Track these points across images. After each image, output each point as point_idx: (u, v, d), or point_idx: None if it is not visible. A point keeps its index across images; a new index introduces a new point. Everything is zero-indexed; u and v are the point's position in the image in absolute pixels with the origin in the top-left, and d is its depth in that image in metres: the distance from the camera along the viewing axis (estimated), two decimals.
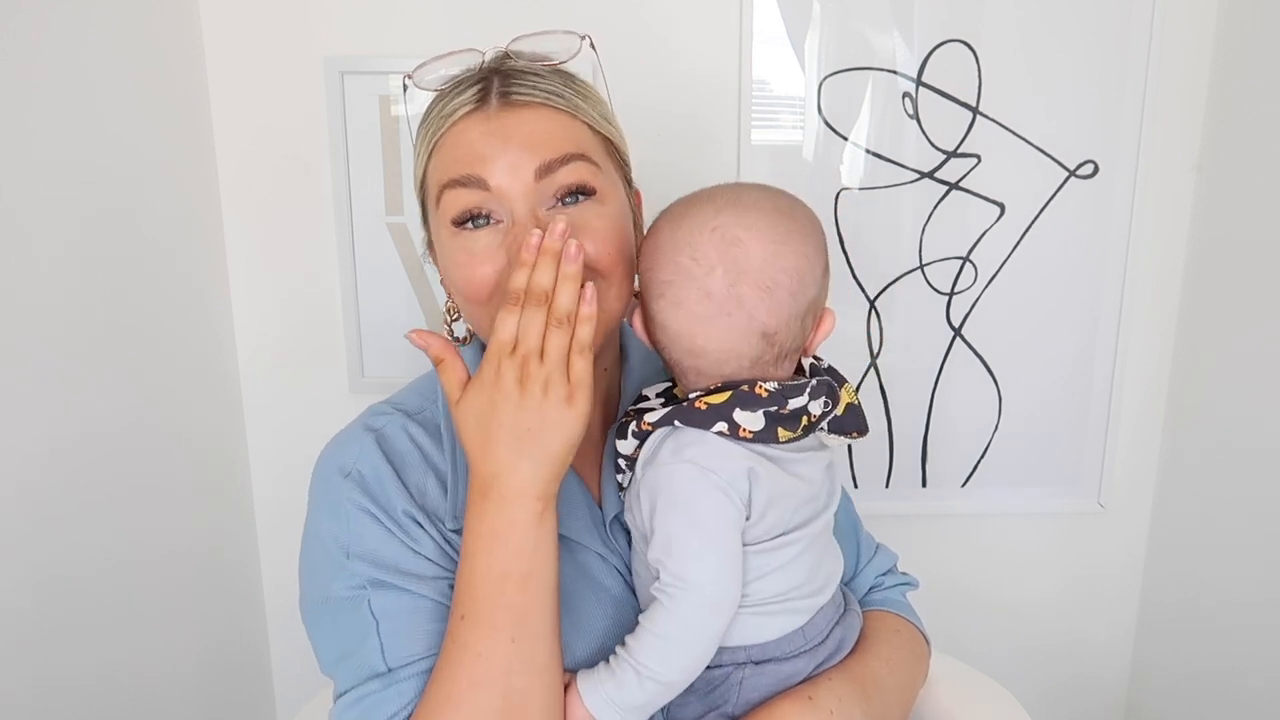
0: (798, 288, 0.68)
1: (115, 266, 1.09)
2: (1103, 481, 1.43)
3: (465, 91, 0.71)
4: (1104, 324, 1.37)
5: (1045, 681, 1.54)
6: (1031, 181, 1.32)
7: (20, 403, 0.94)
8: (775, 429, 0.67)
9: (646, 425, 0.69)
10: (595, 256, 0.70)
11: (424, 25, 1.24)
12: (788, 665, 0.72)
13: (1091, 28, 1.27)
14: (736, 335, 0.68)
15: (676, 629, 0.66)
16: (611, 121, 0.77)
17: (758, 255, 0.67)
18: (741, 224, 0.67)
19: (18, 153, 0.94)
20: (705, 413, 0.67)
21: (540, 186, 0.69)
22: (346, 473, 0.72)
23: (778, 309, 0.67)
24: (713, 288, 0.67)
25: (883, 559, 0.92)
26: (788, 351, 0.70)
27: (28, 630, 0.95)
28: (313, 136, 1.27)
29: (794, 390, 0.68)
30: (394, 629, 0.68)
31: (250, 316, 1.35)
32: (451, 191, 0.70)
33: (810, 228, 0.70)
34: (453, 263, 0.72)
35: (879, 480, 1.42)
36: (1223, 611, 1.33)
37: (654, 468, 0.68)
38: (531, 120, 0.70)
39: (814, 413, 0.69)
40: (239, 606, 1.38)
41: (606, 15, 1.25)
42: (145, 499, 1.15)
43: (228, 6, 1.24)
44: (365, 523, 0.70)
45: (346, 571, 0.69)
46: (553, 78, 0.73)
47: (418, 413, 0.77)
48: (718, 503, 0.66)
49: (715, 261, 0.67)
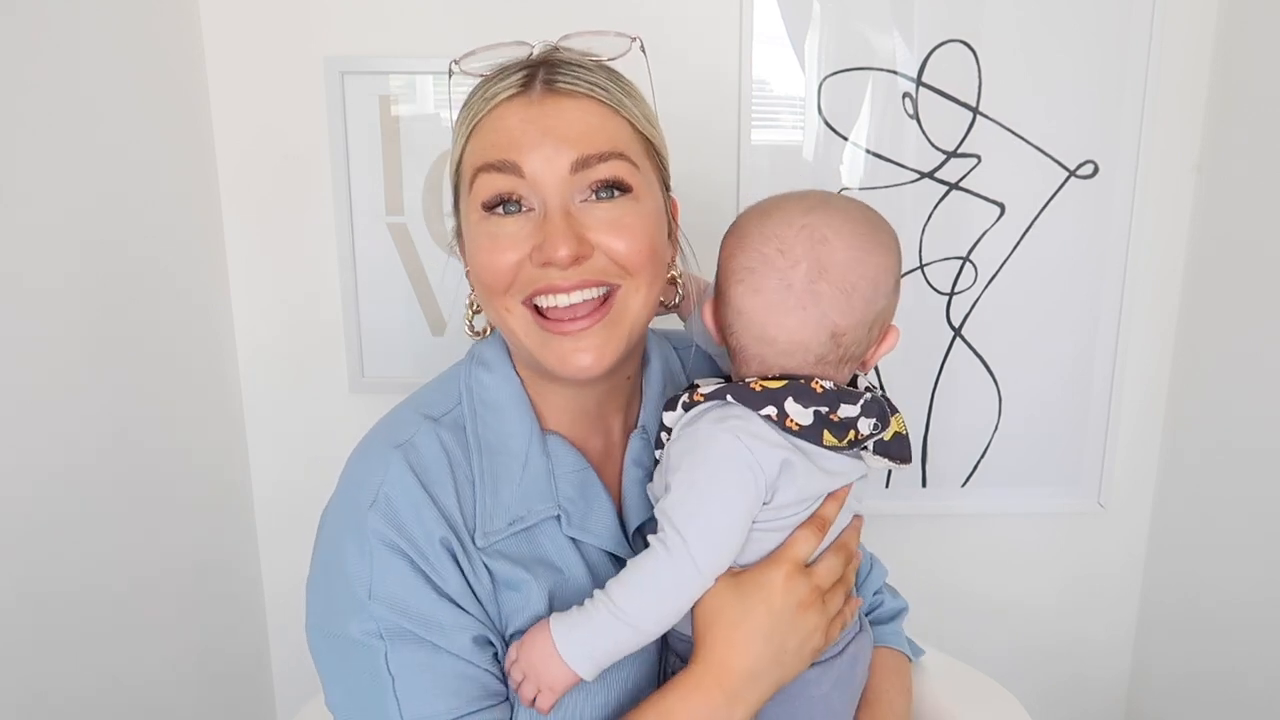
0: (872, 295, 0.70)
1: (115, 266, 1.09)
2: (1103, 481, 1.43)
3: (510, 76, 0.70)
4: (1104, 324, 1.37)
5: (1045, 681, 1.54)
6: (1031, 181, 1.32)
7: (20, 406, 0.94)
8: (821, 431, 0.68)
9: (699, 396, 0.70)
10: (626, 255, 0.69)
11: (424, 25, 1.24)
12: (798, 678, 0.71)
13: (1091, 28, 1.27)
14: (809, 330, 0.69)
15: (662, 579, 0.67)
16: (654, 124, 0.75)
17: (841, 257, 0.69)
18: (830, 225, 0.69)
19: (18, 153, 0.94)
20: (759, 394, 0.68)
21: (575, 179, 0.68)
22: (373, 501, 0.68)
23: (851, 311, 0.69)
24: (794, 280, 0.69)
25: (878, 574, 0.94)
26: (850, 356, 0.72)
27: (28, 636, 0.95)
28: (313, 136, 1.27)
29: (848, 396, 0.69)
30: (411, 686, 0.66)
31: (250, 316, 1.35)
32: (486, 175, 0.69)
33: (892, 244, 0.72)
34: (477, 247, 0.70)
35: (879, 480, 1.42)
36: (1223, 611, 1.33)
37: (693, 428, 0.69)
38: (573, 110, 0.69)
39: (862, 431, 0.69)
40: (239, 608, 1.38)
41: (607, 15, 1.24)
42: (145, 500, 1.15)
43: (228, 6, 1.24)
44: (391, 561, 0.67)
45: (365, 613, 0.67)
46: (599, 71, 0.72)
47: (444, 415, 0.74)
48: (742, 477, 0.67)
49: (800, 256, 0.69)
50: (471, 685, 0.68)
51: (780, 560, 0.68)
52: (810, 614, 0.68)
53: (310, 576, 0.73)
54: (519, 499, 0.72)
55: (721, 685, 0.66)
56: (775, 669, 0.67)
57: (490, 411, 0.74)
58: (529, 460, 0.73)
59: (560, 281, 0.67)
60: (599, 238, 0.68)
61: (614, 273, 0.69)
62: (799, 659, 0.68)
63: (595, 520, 0.74)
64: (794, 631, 0.67)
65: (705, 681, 0.67)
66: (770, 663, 0.67)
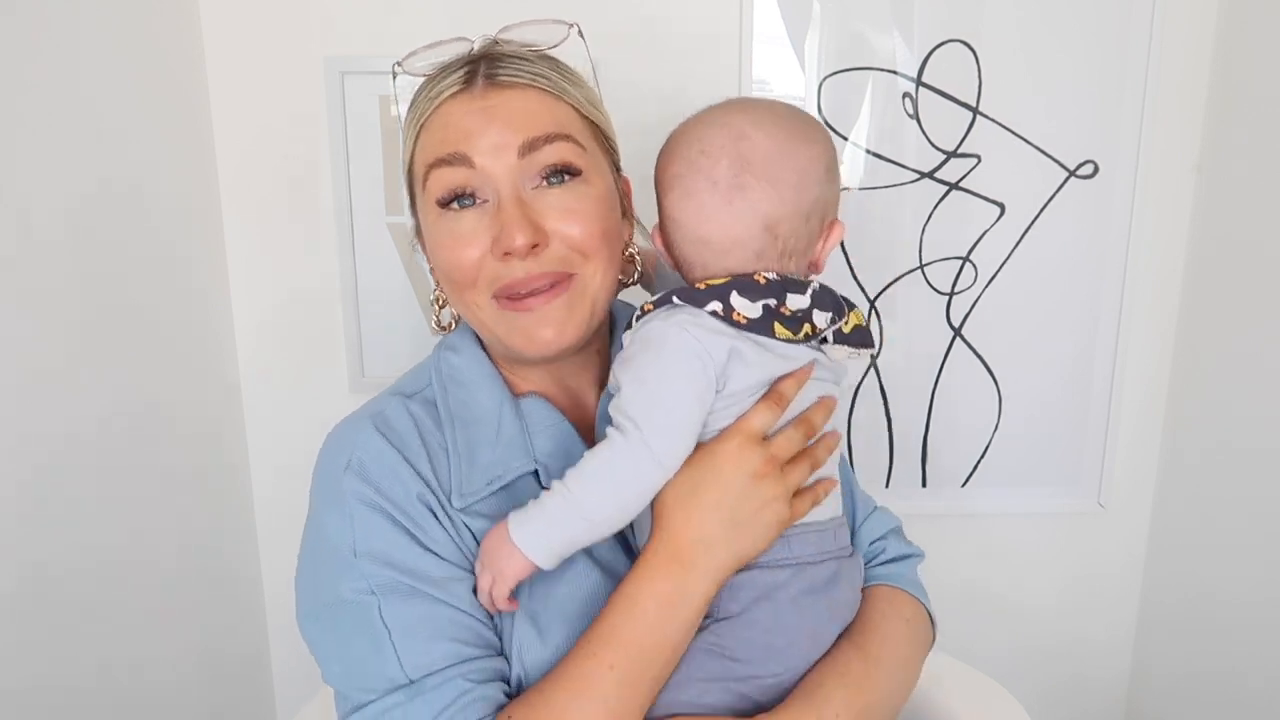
0: (800, 183, 0.71)
1: (115, 266, 1.09)
2: (1103, 481, 1.43)
3: (452, 74, 0.72)
4: (1104, 324, 1.37)
5: (1045, 682, 1.54)
6: (1031, 181, 1.32)
7: (19, 406, 0.94)
8: (771, 323, 0.68)
9: (648, 306, 0.71)
10: (580, 238, 0.70)
11: (424, 25, 1.23)
12: (768, 575, 0.71)
13: (1091, 28, 1.27)
14: (741, 224, 0.70)
15: (616, 468, 0.67)
16: (599, 108, 0.77)
17: (762, 148, 0.70)
18: (750, 121, 0.71)
19: (17, 153, 0.94)
20: (704, 292, 0.69)
21: (524, 164, 0.70)
22: (346, 464, 0.70)
23: (781, 201, 0.70)
24: (719, 177, 0.70)
25: (881, 519, 0.90)
26: (792, 250, 0.72)
27: (25, 631, 0.95)
28: (313, 136, 1.27)
29: (794, 285, 0.70)
30: (408, 637, 0.66)
31: (250, 316, 1.35)
32: (437, 171, 0.70)
33: (816, 134, 0.73)
34: (439, 245, 0.72)
35: (879, 480, 1.42)
36: (1223, 611, 1.33)
37: (644, 329, 0.70)
38: (516, 99, 0.71)
39: (819, 324, 0.70)
40: (239, 607, 1.38)
41: (607, 15, 1.25)
42: (145, 499, 1.15)
43: (228, 6, 1.24)
44: (371, 518, 0.68)
45: (355, 572, 0.67)
46: (540, 62, 0.73)
47: (415, 393, 0.77)
48: (690, 366, 0.67)
49: (721, 154, 0.70)
50: (468, 633, 0.68)
51: (732, 432, 0.69)
52: (766, 483, 0.68)
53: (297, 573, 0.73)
54: (497, 460, 0.73)
55: (678, 558, 0.67)
56: (731, 537, 0.67)
57: (460, 387, 0.76)
58: (502, 425, 0.75)
59: (523, 277, 0.69)
60: (553, 224, 0.70)
61: (573, 260, 0.71)
62: (757, 528, 0.68)
63: None
64: (747, 500, 0.67)
65: (661, 557, 0.67)
66: (723, 530, 0.67)
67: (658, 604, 0.66)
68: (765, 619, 0.71)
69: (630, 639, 0.65)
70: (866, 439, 1.40)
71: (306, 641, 0.71)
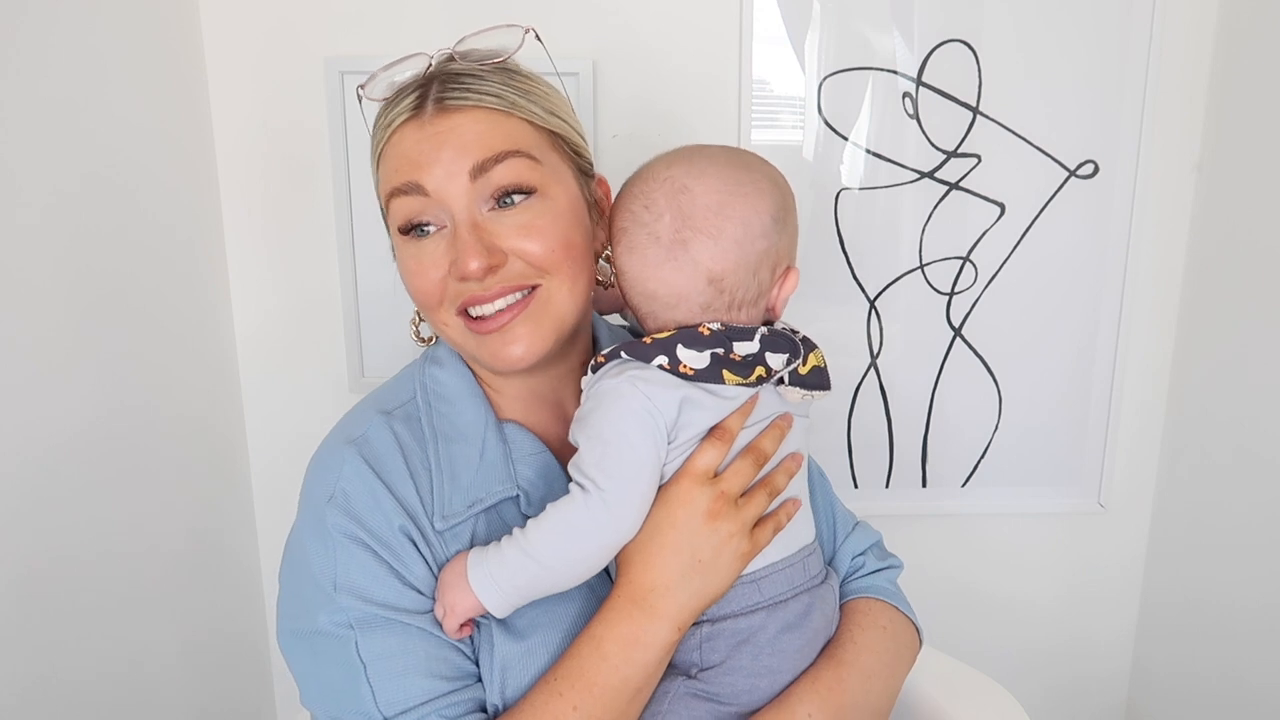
0: (744, 236, 0.70)
1: (115, 266, 1.09)
2: (1103, 481, 1.43)
3: (404, 100, 0.72)
4: (1104, 324, 1.37)
5: (1045, 682, 1.54)
6: (1031, 181, 1.32)
7: (19, 400, 0.94)
8: (720, 371, 0.69)
9: (600, 359, 0.72)
10: (540, 256, 0.71)
11: (424, 25, 1.25)
12: (744, 621, 0.72)
13: (1091, 28, 1.27)
14: (684, 279, 0.70)
15: (575, 526, 0.68)
16: (559, 114, 0.76)
17: (703, 202, 0.70)
18: (691, 174, 0.71)
19: (17, 153, 0.94)
20: (650, 346, 0.69)
21: (476, 187, 0.70)
22: (330, 496, 0.70)
23: (723, 256, 0.70)
24: (660, 232, 0.70)
25: (862, 535, 0.89)
26: (741, 302, 0.72)
27: (22, 625, 0.95)
28: (313, 136, 1.27)
29: (739, 333, 0.70)
30: (384, 672, 0.67)
31: (250, 316, 1.35)
32: (396, 201, 0.71)
33: (765, 183, 0.73)
34: (405, 270, 0.74)
35: (879, 480, 1.42)
36: (1223, 612, 1.33)
37: (597, 386, 0.70)
38: (465, 123, 0.70)
39: (773, 366, 0.70)
40: (238, 603, 1.38)
41: (607, 15, 1.25)
42: (144, 497, 1.15)
43: (228, 6, 1.24)
44: (352, 552, 0.69)
45: (334, 605, 0.68)
46: (492, 77, 0.73)
47: (397, 408, 0.76)
48: (643, 424, 0.68)
49: (663, 208, 0.71)
50: (444, 665, 0.69)
51: (680, 475, 0.69)
52: (721, 521, 0.69)
53: (280, 585, 0.75)
54: (478, 482, 0.74)
55: (637, 603, 0.68)
56: (693, 579, 0.68)
57: (445, 403, 0.76)
58: (485, 446, 0.75)
59: (481, 293, 0.70)
60: (511, 244, 0.70)
61: (532, 274, 0.71)
62: (719, 567, 0.69)
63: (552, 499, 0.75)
64: (704, 541, 0.68)
65: (621, 602, 0.68)
66: (682, 574, 0.68)
67: (620, 646, 0.67)
68: (748, 663, 0.72)
69: (594, 680, 0.67)
70: (866, 439, 1.40)
71: (284, 654, 0.73)
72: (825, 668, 0.76)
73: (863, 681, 0.77)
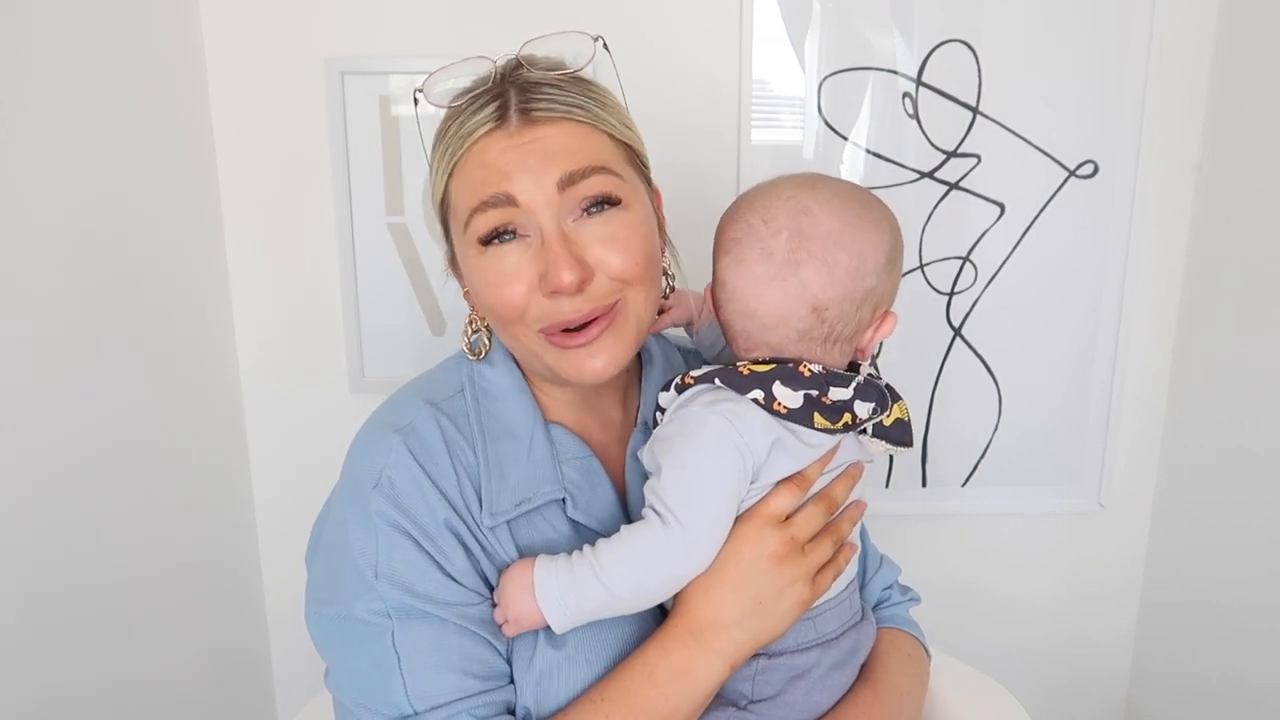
0: (857, 270, 0.69)
1: (115, 267, 1.09)
2: (1103, 481, 1.43)
3: (483, 109, 0.70)
4: (1104, 324, 1.37)
5: (1046, 682, 1.54)
6: (1031, 181, 1.32)
7: (19, 407, 0.94)
8: (812, 413, 0.67)
9: (689, 379, 0.70)
10: (623, 268, 0.69)
11: (424, 25, 1.24)
12: (800, 658, 0.73)
13: (1091, 27, 1.27)
14: (789, 302, 0.69)
15: (650, 555, 0.67)
16: (630, 126, 0.75)
17: (825, 228, 0.69)
18: (816, 199, 0.70)
19: (17, 153, 0.94)
20: (746, 378, 0.68)
21: (564, 198, 0.68)
22: (376, 482, 0.69)
23: (832, 284, 0.69)
24: (774, 249, 0.69)
25: (888, 571, 0.94)
26: (838, 336, 0.71)
27: (28, 638, 0.95)
28: (313, 136, 1.27)
29: (838, 379, 0.69)
30: (418, 665, 0.67)
31: (251, 317, 1.35)
32: (481, 215, 0.69)
33: (885, 223, 0.71)
34: (483, 282, 0.71)
35: (879, 480, 1.42)
36: (1223, 612, 1.33)
37: (685, 410, 0.69)
38: (553, 135, 0.69)
39: (860, 414, 0.69)
40: (240, 612, 1.38)
41: (607, 15, 1.25)
42: (145, 501, 1.15)
43: (228, 6, 1.24)
44: (396, 541, 0.68)
45: (373, 593, 0.67)
46: (570, 88, 0.71)
47: (444, 400, 0.75)
48: (732, 460, 0.67)
49: (782, 225, 0.69)
50: (478, 665, 0.68)
51: (751, 515, 0.69)
52: (786, 566, 0.69)
53: (312, 558, 0.73)
54: (526, 481, 0.73)
55: (695, 635, 0.68)
56: (752, 619, 0.68)
57: (493, 401, 0.76)
58: (533, 445, 0.74)
59: (572, 315, 0.69)
60: (596, 255, 0.69)
61: (615, 290, 0.70)
62: (780, 610, 0.69)
63: (599, 505, 0.75)
64: (768, 583, 0.68)
65: (678, 632, 0.68)
66: (742, 614, 0.68)
67: (671, 676, 0.67)
68: (800, 698, 0.73)
69: (641, 705, 0.67)
70: None
71: (312, 636, 0.72)
72: (860, 690, 0.79)
73: (896, 698, 0.80)
